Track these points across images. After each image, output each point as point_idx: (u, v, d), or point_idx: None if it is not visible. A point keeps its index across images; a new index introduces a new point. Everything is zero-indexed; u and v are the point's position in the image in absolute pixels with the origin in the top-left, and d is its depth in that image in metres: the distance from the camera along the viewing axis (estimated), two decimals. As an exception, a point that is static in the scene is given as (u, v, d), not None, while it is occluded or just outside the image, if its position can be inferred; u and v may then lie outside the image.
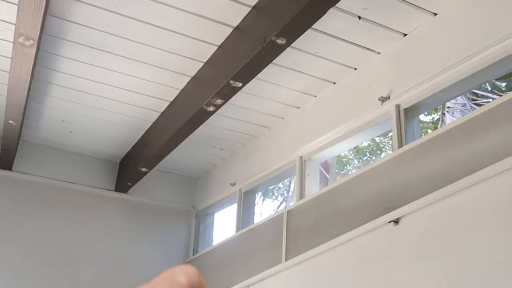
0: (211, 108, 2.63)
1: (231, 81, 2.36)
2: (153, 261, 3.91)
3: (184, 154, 3.86)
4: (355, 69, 2.72)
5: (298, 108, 3.15)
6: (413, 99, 2.33)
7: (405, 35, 2.44)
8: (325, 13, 1.90)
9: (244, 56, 2.24)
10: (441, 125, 6.13)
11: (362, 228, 2.27)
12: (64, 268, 3.59)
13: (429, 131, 7.31)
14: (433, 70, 2.20)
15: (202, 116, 2.73)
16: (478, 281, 1.75)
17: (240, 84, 2.40)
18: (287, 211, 2.88)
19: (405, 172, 2.16)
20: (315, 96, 3.01)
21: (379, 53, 2.58)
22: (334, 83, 2.87)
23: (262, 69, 2.28)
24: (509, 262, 1.67)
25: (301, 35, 2.03)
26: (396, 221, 2.16)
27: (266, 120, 3.35)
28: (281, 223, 2.88)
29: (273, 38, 2.03)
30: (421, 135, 2.37)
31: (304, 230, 2.70)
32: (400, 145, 2.30)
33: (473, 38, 2.08)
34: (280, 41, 2.04)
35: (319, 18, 1.94)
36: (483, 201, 1.82)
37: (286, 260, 2.74)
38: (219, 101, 2.55)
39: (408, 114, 2.37)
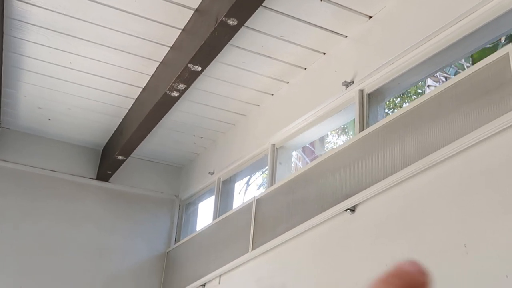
0: (175, 94, 2.58)
1: (189, 65, 2.31)
2: (135, 250, 3.88)
3: (166, 143, 3.82)
4: (324, 53, 2.64)
5: (272, 95, 3.09)
6: (376, 84, 2.25)
7: (370, 17, 2.35)
8: (272, -9, 1.83)
9: (200, 38, 2.18)
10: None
11: (321, 216, 2.20)
12: (45, 256, 3.58)
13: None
14: (393, 53, 2.12)
15: (167, 102, 2.68)
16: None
17: (200, 68, 2.34)
18: (256, 200, 2.82)
19: (363, 157, 2.09)
20: (288, 83, 2.94)
21: (346, 36, 2.49)
22: (305, 68, 2.79)
23: (219, 51, 2.22)
24: (456, 249, 1.59)
25: (251, 15, 1.96)
26: (352, 209, 2.08)
27: (243, 107, 3.29)
28: (250, 212, 2.82)
29: (223, 18, 1.97)
30: (385, 121, 2.29)
31: (270, 219, 2.64)
32: (362, 130, 2.22)
33: (436, 15, 1.98)
34: (231, 22, 1.98)
35: (267, -3, 1.87)
36: (435, 186, 1.74)
37: (252, 249, 2.69)
38: (181, 86, 2.50)
39: (371, 99, 2.29)
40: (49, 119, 3.58)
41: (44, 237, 3.61)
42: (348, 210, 2.08)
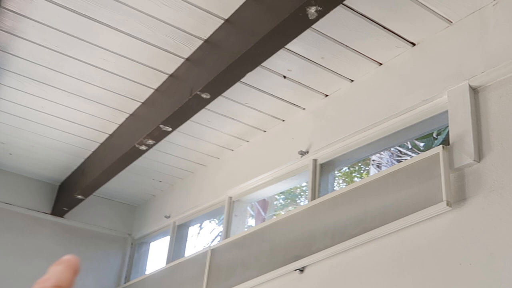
0: (143, 147, 2.76)
1: (161, 125, 2.50)
2: (83, 287, 3.94)
3: (124, 183, 3.95)
4: (283, 120, 2.91)
5: (232, 150, 3.31)
6: (328, 156, 2.53)
7: (326, 95, 2.64)
8: (245, 75, 2.07)
9: (174, 104, 2.39)
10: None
11: (272, 273, 2.41)
12: (-8, 289, 3.59)
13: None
14: (347, 131, 2.40)
15: (135, 153, 2.85)
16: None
17: (170, 129, 2.54)
18: (211, 250, 3.00)
19: (313, 223, 2.33)
20: (248, 141, 3.18)
21: (304, 108, 2.77)
22: (265, 131, 3.05)
23: (190, 117, 2.44)
24: (388, 317, 1.84)
25: (223, 92, 2.20)
26: (301, 270, 2.31)
27: (202, 158, 3.50)
28: (205, 261, 2.99)
29: (198, 92, 2.19)
30: (334, 189, 2.56)
31: (224, 270, 2.83)
32: (313, 197, 2.48)
33: (383, 106, 2.29)
34: (205, 95, 2.20)
35: (241, 79, 2.11)
36: (372, 258, 2.00)
37: (205, 297, 2.85)
38: (150, 142, 2.69)
39: (323, 168, 2.55)
40: (10, 154, 3.66)
41: (-8, 270, 3.63)
42: (298, 270, 2.31)
